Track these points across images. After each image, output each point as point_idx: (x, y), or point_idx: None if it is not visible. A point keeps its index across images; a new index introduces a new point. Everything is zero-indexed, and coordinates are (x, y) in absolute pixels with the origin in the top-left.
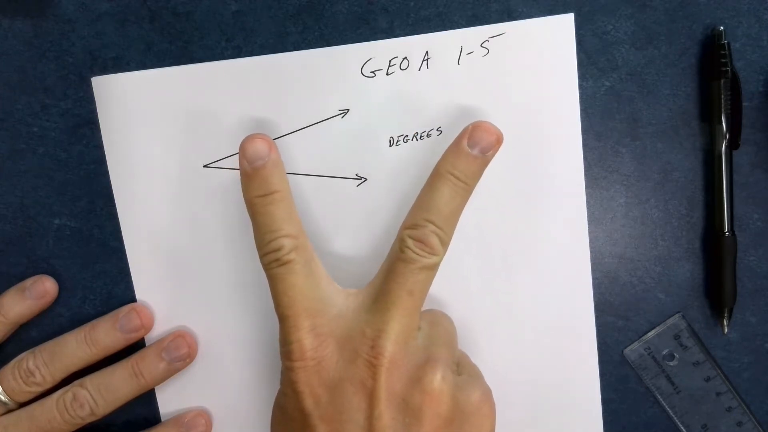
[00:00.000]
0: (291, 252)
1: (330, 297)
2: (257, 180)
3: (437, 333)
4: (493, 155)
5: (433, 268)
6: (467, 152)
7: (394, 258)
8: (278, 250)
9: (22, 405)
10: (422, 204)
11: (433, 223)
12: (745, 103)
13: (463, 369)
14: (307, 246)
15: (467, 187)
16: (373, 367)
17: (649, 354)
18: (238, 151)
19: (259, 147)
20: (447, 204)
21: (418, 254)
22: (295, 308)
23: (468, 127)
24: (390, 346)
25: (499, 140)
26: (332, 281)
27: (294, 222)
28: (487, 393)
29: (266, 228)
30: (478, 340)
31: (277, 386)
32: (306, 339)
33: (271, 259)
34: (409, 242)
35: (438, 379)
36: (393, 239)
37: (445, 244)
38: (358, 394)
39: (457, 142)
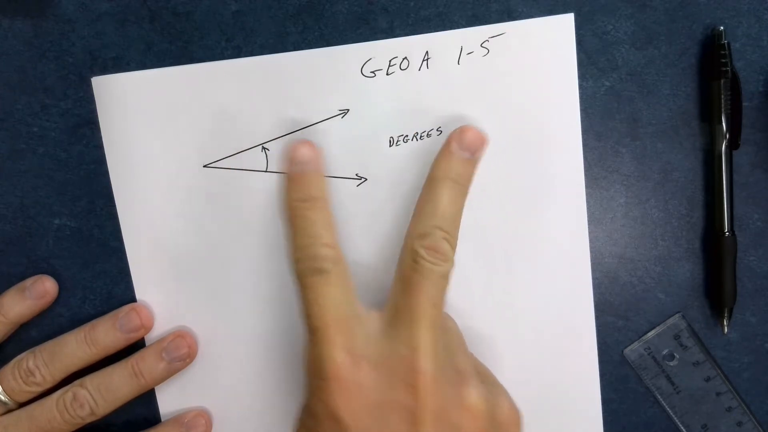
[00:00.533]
0: (328, 262)
1: (359, 316)
2: (301, 184)
3: (452, 340)
4: (481, 156)
5: (448, 275)
6: (459, 155)
7: (409, 271)
8: (315, 258)
9: (22, 405)
10: (425, 211)
11: (441, 228)
12: (745, 103)
13: (480, 376)
14: (343, 259)
15: (464, 189)
16: (413, 388)
17: (649, 354)
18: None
19: (306, 152)
20: (449, 208)
21: (433, 263)
22: (326, 320)
23: (454, 132)
24: (426, 363)
25: (484, 141)
26: (358, 301)
27: (333, 232)
28: (512, 402)
29: (305, 233)
30: (479, 340)
31: (277, 386)
32: (339, 356)
33: (307, 266)
34: (423, 252)
35: (474, 395)
36: (393, 239)
37: (453, 248)
38: (400, 416)
39: (447, 147)
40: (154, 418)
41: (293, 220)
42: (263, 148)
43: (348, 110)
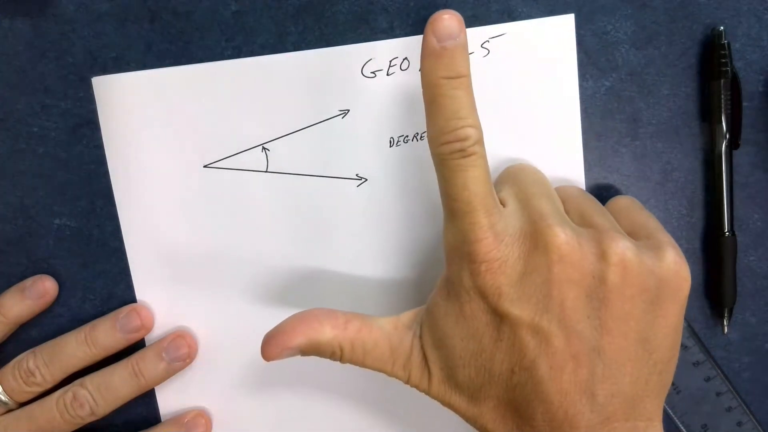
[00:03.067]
0: (476, 144)
1: (494, 194)
2: (446, 60)
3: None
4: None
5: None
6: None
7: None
8: (465, 139)
9: (23, 405)
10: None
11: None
12: (745, 103)
13: (637, 232)
14: (484, 141)
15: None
16: (549, 252)
17: None
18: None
19: (451, 25)
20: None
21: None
22: (474, 203)
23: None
24: (565, 230)
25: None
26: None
27: (476, 113)
28: (677, 254)
29: (452, 114)
30: None
31: (277, 386)
32: (487, 237)
33: (455, 148)
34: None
35: (620, 248)
36: (394, 239)
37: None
38: (541, 283)
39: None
40: (154, 418)
41: (437, 100)
42: (263, 148)
43: (348, 110)
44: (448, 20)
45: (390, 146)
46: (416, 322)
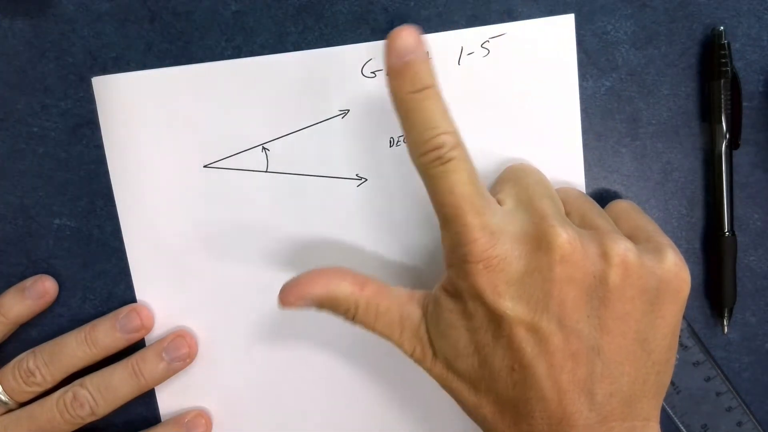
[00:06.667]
0: (453, 149)
1: (485, 194)
2: (409, 75)
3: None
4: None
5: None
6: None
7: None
8: (441, 147)
9: (23, 405)
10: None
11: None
12: (745, 103)
13: (636, 236)
14: (463, 143)
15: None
16: (551, 251)
17: None
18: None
19: (407, 40)
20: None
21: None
22: (462, 206)
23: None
24: (567, 230)
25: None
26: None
27: (449, 118)
28: (677, 256)
29: (425, 125)
30: None
31: (277, 385)
32: (480, 237)
33: (432, 157)
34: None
35: (621, 248)
36: (393, 239)
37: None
38: (542, 282)
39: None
40: (154, 418)
41: (408, 114)
42: (263, 148)
43: (348, 110)
44: (404, 37)
45: (390, 146)
46: (425, 304)
